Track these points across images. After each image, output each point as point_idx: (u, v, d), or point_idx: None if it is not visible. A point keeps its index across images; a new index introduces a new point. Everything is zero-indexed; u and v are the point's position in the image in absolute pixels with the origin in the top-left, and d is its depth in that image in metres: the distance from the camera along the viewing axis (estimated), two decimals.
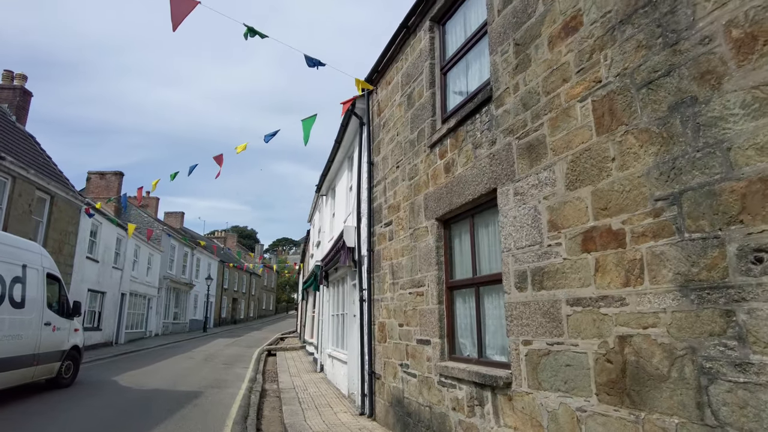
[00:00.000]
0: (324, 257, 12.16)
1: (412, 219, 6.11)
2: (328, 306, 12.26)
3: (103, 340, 19.02)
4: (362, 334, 7.59)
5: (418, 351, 5.65)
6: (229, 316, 42.93)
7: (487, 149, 4.53)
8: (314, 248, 17.91)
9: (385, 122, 7.42)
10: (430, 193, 5.63)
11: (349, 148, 10.25)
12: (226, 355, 16.90)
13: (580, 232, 3.38)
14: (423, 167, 5.90)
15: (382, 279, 7.03)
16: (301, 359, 16.38)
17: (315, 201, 17.28)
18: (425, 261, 5.62)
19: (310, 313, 18.96)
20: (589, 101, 3.41)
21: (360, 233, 8.06)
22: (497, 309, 4.54)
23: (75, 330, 9.33)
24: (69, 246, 15.37)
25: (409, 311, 5.97)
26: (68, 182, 15.77)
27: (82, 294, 16.60)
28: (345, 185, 10.61)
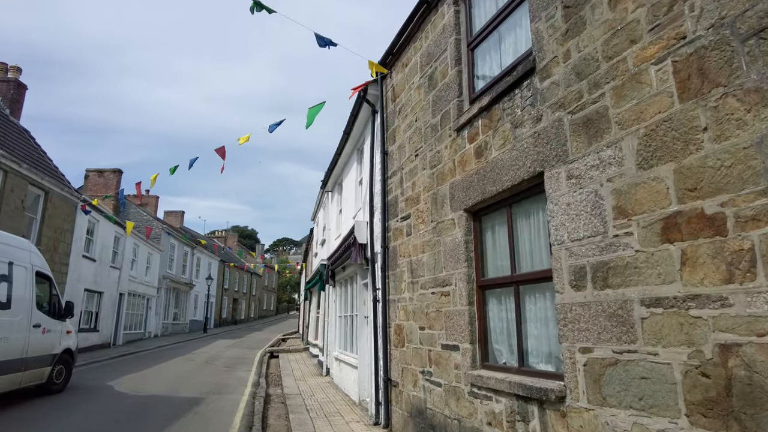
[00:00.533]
0: (330, 255, 11.60)
1: (434, 211, 5.54)
2: (335, 307, 11.69)
3: (101, 342, 18.44)
4: (376, 338, 7.02)
5: (444, 357, 5.08)
6: (229, 316, 42.35)
7: (531, 128, 3.97)
8: (318, 247, 17.35)
9: (401, 108, 6.86)
10: (457, 182, 5.07)
11: (358, 140, 9.69)
12: (227, 357, 16.33)
13: (658, 219, 2.82)
14: (448, 153, 5.33)
15: (398, 278, 6.46)
16: (305, 362, 15.81)
17: (319, 198, 16.71)
18: (452, 257, 5.05)
19: (313, 314, 18.39)
20: (668, 62, 2.84)
21: (373, 229, 7.49)
22: (543, 311, 3.97)
23: (67, 332, 8.76)
24: (64, 244, 14.80)
25: (432, 313, 5.40)
26: (64, 178, 15.21)
27: (78, 294, 16.03)
28: (354, 179, 10.04)
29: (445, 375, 5.02)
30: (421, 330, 5.68)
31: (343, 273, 10.64)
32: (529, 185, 4.06)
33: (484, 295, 4.73)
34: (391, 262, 6.77)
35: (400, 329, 6.30)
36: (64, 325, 8.66)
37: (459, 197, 5.00)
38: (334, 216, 12.59)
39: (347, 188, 10.84)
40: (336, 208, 12.50)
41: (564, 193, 3.55)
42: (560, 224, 3.55)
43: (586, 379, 3.23)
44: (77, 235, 15.68)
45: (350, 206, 10.23)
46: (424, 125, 6.01)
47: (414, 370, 5.81)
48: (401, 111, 6.87)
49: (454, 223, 5.07)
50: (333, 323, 11.93)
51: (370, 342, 7.42)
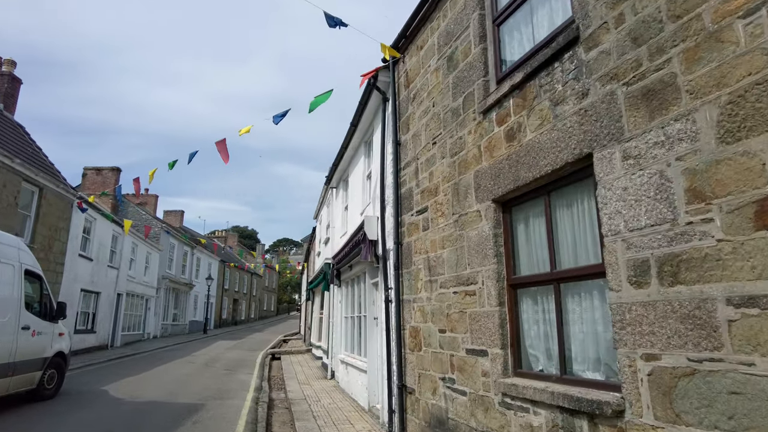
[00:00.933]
0: (336, 254, 11.13)
1: (456, 203, 5.07)
2: (341, 307, 11.22)
3: (98, 343, 17.96)
4: (388, 341, 6.55)
5: (469, 363, 4.60)
6: (229, 317, 41.86)
7: (575, 104, 3.50)
8: (321, 246, 16.88)
9: (416, 93, 6.39)
10: (483, 170, 4.60)
11: (366, 131, 9.22)
12: (228, 360, 15.85)
13: (749, 202, 2.35)
14: (472, 139, 4.86)
15: (414, 276, 5.99)
16: (308, 364, 15.34)
17: (323, 195, 16.24)
18: (478, 253, 4.58)
19: (316, 315, 17.92)
20: (763, 13, 2.37)
21: (384, 224, 7.02)
22: (590, 311, 3.50)
23: (60, 334, 8.28)
24: (60, 243, 14.33)
25: (454, 314, 4.93)
26: (59, 174, 14.74)
27: (74, 294, 15.56)
28: (361, 173, 9.57)
29: (471, 383, 4.55)
30: (441, 333, 5.21)
31: (349, 272, 10.17)
32: (572, 169, 3.59)
33: (516, 294, 4.26)
34: (405, 260, 6.30)
35: (416, 332, 5.82)
36: (56, 327, 8.18)
37: (486, 186, 4.53)
38: (340, 213, 12.12)
39: (354, 183, 10.37)
40: (341, 205, 12.03)
41: (619, 176, 3.08)
42: (615, 212, 3.08)
43: (651, 391, 2.76)
44: (73, 234, 15.21)
45: (357, 202, 9.76)
46: (443, 110, 5.54)
47: (433, 377, 5.34)
48: (416, 97, 6.40)
49: (480, 215, 4.60)
50: (338, 324, 11.46)
51: (382, 345, 6.95)
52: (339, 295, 11.59)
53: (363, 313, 8.91)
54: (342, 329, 11.01)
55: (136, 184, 11.76)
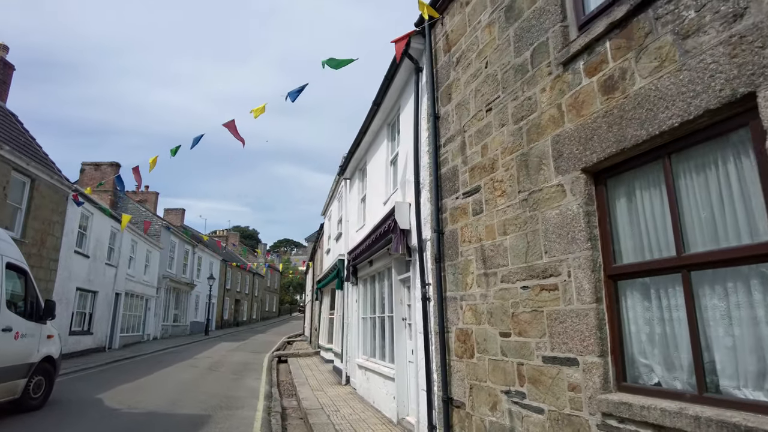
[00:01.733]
0: (352, 249, 10.23)
1: (524, 178, 4.17)
2: (358, 307, 10.31)
3: (95, 345, 17.03)
4: (426, 346, 5.64)
5: (548, 374, 3.70)
6: (231, 318, 40.93)
7: (722, 31, 2.59)
8: (331, 242, 15.98)
9: (461, 56, 5.49)
10: (566, 134, 3.70)
11: (390, 111, 8.32)
12: (233, 363, 14.94)
13: None
14: (547, 98, 3.96)
15: (461, 269, 5.09)
16: (318, 367, 14.42)
17: (333, 189, 15.35)
18: (560, 237, 3.68)
19: (325, 316, 17.01)
20: None
21: (420, 211, 6.11)
22: (747, 308, 2.59)
23: (48, 337, 7.36)
24: (53, 238, 13.42)
25: (524, 314, 4.03)
26: (54, 166, 13.84)
27: (69, 293, 14.64)
28: (383, 159, 8.67)
29: (551, 398, 3.64)
30: (503, 337, 4.30)
31: (369, 268, 9.27)
32: (713, 120, 2.69)
33: (616, 287, 3.36)
34: (449, 251, 5.39)
35: (466, 335, 4.91)
36: (44, 329, 7.27)
37: (571, 154, 3.63)
38: (355, 205, 11.22)
39: (374, 171, 9.47)
40: (357, 197, 11.13)
41: None
42: None
43: None
44: (68, 229, 14.29)
45: (379, 191, 8.86)
46: (502, 69, 4.64)
47: (491, 389, 4.43)
48: (460, 61, 5.50)
49: (563, 190, 3.69)
50: (354, 326, 10.55)
51: (417, 350, 6.05)
52: (355, 293, 10.68)
53: (387, 314, 8.01)
54: (359, 331, 10.10)
55: (136, 174, 10.87)
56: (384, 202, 8.26)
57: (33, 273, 12.09)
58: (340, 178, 13.41)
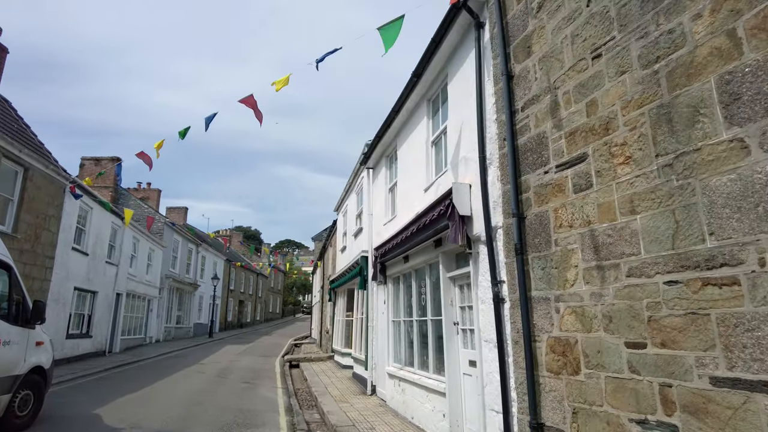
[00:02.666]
0: (381, 245, 9.17)
1: (665, 137, 3.12)
2: (387, 309, 9.25)
3: (94, 349, 15.96)
4: (502, 357, 4.58)
5: (723, 402, 2.64)
6: (235, 319, 39.85)
7: None
8: (348, 240, 14.92)
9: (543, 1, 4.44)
10: (746, 68, 2.65)
11: (433, 83, 7.28)
12: (242, 369, 13.87)
13: None
14: (707, 25, 2.91)
15: (557, 262, 4.03)
16: (335, 374, 13.34)
17: (351, 182, 14.29)
18: (742, 211, 2.63)
19: (340, 317, 15.95)
20: None
21: (487, 192, 5.05)
22: None
23: (37, 344, 6.29)
24: (49, 233, 12.36)
25: (672, 318, 2.97)
26: (50, 156, 12.80)
27: (66, 293, 13.58)
28: (422, 140, 7.62)
29: None
30: (632, 348, 3.24)
31: (402, 265, 8.21)
32: None
33: None
34: (534, 239, 4.33)
35: (566, 346, 3.85)
36: (32, 335, 6.20)
37: (759, 94, 2.57)
38: (382, 196, 10.16)
39: (408, 156, 8.41)
40: (384, 187, 10.07)
41: None
42: None
43: None
44: (66, 224, 13.24)
45: (416, 177, 7.80)
46: (617, 3, 3.59)
47: (612, 417, 3.36)
48: (543, 5, 4.45)
49: (745, 146, 2.64)
50: (382, 330, 9.49)
51: (484, 362, 4.99)
52: (383, 294, 9.62)
53: (431, 317, 6.95)
54: (389, 336, 9.03)
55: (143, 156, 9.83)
56: (425, 188, 7.20)
57: (26, 271, 11.11)
58: (361, 169, 12.35)
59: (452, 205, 5.35)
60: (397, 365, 8.49)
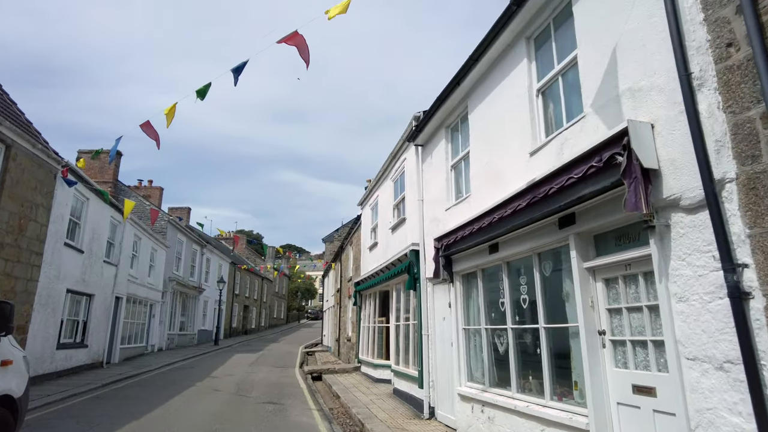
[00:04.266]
0: (447, 234, 7.35)
1: None
2: (455, 314, 7.42)
3: (90, 361, 14.05)
4: (757, 389, 2.74)
5: None
6: (240, 325, 37.88)
7: None
8: (378, 235, 13.10)
9: None
10: None
11: (539, 13, 5.47)
12: (261, 383, 11.98)
13: None
14: None
15: None
16: (370, 389, 11.45)
17: (385, 168, 12.49)
18: None
19: (368, 324, 14.08)
20: None
21: (701, 128, 3.23)
22: None
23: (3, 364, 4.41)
24: (36, 224, 10.52)
25: None
26: (39, 136, 10.97)
27: (57, 296, 11.69)
28: (519, 92, 5.83)
29: None
30: None
31: (484, 257, 6.40)
32: None
33: None
34: None
35: None
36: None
37: None
38: (441, 176, 8.32)
39: (492, 117, 6.59)
40: (444, 164, 8.24)
41: None
42: None
43: None
44: (57, 215, 11.38)
45: (513, 140, 5.99)
46: None
47: None
48: None
49: None
50: (447, 340, 7.66)
51: (708, 395, 3.15)
52: (446, 295, 7.79)
53: (548, 324, 5.11)
54: (458, 348, 7.19)
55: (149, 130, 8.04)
56: (533, 151, 5.38)
57: (7, 269, 9.26)
58: (403, 150, 10.55)
59: (631, 155, 3.52)
60: (476, 385, 6.65)
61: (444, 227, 7.76)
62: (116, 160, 21.08)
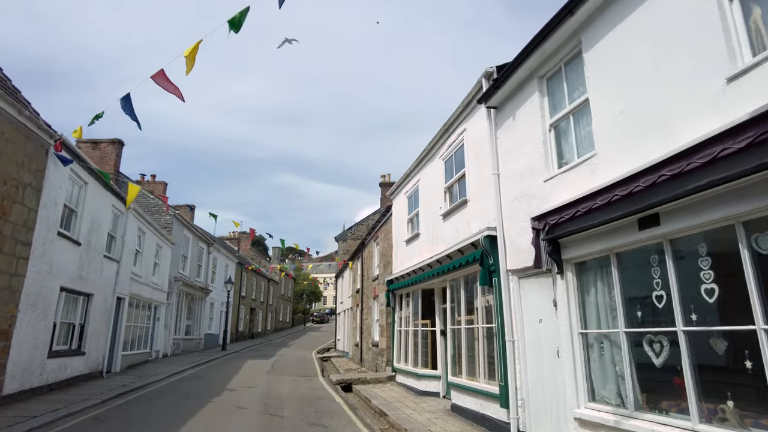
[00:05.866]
0: (553, 211, 5.65)
1: None
2: (565, 314, 5.70)
3: (88, 370, 12.28)
4: None
5: None
6: (246, 329, 36.08)
7: None
8: (416, 227, 11.37)
9: None
10: None
11: None
12: (290, 397, 10.23)
13: None
14: None
15: None
16: (417, 404, 9.69)
17: (432, 146, 10.78)
18: None
19: (405, 328, 12.32)
20: None
21: None
22: None
23: None
24: (23, 208, 8.80)
25: None
26: (29, 105, 9.27)
27: (49, 295, 9.94)
28: (694, 3, 4.12)
29: None
30: None
31: (627, 236, 4.70)
32: None
33: None
34: None
35: None
36: None
37: None
38: (534, 139, 6.57)
39: (634, 47, 4.89)
40: (538, 124, 6.51)
41: None
42: None
43: None
44: (49, 199, 9.66)
45: (674, 71, 4.29)
46: None
47: None
48: None
49: None
50: (552, 349, 5.94)
51: None
52: (544, 291, 6.09)
53: None
54: (574, 359, 5.47)
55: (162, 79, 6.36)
56: (731, 77, 3.68)
57: None
58: (466, 115, 8.85)
59: None
60: (606, 408, 4.94)
61: (545, 203, 6.05)
62: (117, 149, 19.42)
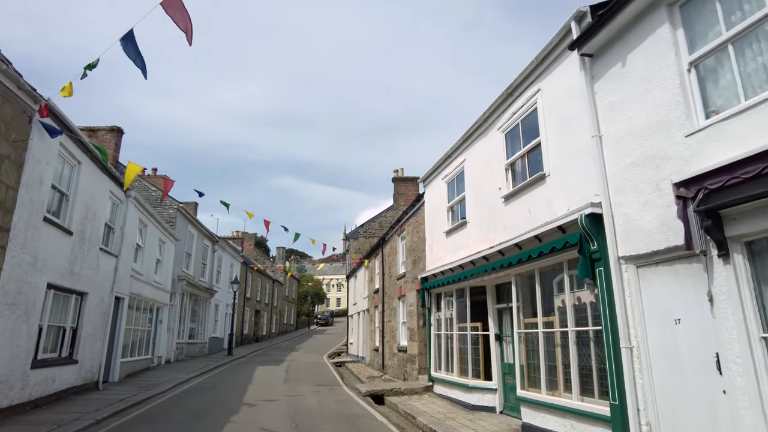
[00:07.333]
0: (720, 169, 4.07)
1: None
2: (727, 314, 4.12)
3: (81, 381, 10.64)
4: None
5: None
6: (251, 332, 34.42)
7: None
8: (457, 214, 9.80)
9: None
10: None
11: None
12: (321, 414, 8.60)
13: None
14: None
15: None
16: (470, 420, 8.08)
17: (495, 109, 9.21)
18: None
19: (444, 331, 10.71)
20: None
21: None
22: None
23: None
24: (2, 187, 7.22)
25: None
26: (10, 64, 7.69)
27: (32, 292, 8.30)
28: None
29: None
30: None
31: None
32: None
33: None
34: None
35: None
36: None
37: None
38: (665, 83, 4.99)
39: None
40: (675, 64, 4.93)
41: None
42: None
43: None
44: (33, 176, 8.05)
45: None
46: None
47: None
48: None
49: None
50: (701, 361, 4.36)
51: None
52: (687, 282, 4.52)
53: None
54: (758, 375, 3.88)
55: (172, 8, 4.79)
56: None
57: None
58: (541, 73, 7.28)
59: None
60: None
61: (689, 165, 4.49)
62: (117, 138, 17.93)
